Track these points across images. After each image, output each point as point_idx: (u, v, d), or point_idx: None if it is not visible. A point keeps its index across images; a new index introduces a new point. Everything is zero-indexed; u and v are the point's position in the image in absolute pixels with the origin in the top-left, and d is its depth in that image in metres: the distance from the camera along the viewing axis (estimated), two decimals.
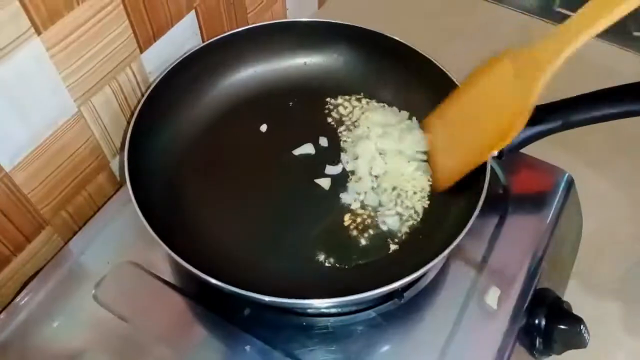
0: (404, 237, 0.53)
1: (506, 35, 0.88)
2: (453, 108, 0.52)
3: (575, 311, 0.52)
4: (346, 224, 0.54)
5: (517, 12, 0.91)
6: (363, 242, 0.53)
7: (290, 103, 0.63)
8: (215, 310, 0.50)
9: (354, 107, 0.62)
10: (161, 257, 0.53)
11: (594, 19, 0.41)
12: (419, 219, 0.54)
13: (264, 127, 0.61)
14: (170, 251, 0.45)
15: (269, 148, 0.59)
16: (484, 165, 0.50)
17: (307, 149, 0.59)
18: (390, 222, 0.53)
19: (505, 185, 0.58)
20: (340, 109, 0.62)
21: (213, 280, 0.44)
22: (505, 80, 0.46)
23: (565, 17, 0.91)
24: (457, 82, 0.56)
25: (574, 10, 0.96)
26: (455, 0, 0.93)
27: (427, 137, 0.55)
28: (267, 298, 0.44)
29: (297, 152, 0.58)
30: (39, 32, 0.46)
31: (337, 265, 0.51)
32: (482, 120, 0.48)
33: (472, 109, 0.50)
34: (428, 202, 0.55)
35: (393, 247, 0.52)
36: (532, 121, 0.53)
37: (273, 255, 0.52)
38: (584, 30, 0.41)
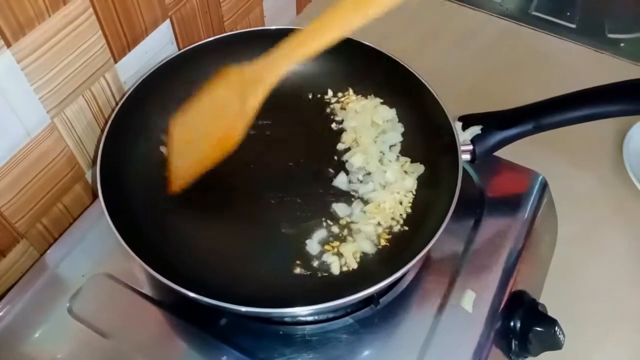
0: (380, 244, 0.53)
1: (484, 40, 0.89)
2: (189, 115, 0.53)
3: (551, 313, 0.53)
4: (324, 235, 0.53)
5: (494, 17, 0.92)
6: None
7: (267, 110, 0.62)
8: (192, 321, 0.50)
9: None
10: (137, 269, 0.53)
11: (302, 43, 0.45)
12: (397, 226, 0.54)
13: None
14: (143, 263, 0.45)
15: (247, 155, 0.59)
16: (456, 172, 0.50)
17: None
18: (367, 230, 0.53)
19: (480, 189, 0.58)
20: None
21: (188, 292, 0.44)
22: (229, 91, 0.49)
23: (541, 21, 0.93)
24: (430, 88, 0.57)
25: (550, 14, 0.97)
26: (434, 5, 0.94)
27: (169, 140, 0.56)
28: (243, 308, 0.44)
29: None
30: (8, 44, 0.46)
31: (312, 274, 0.51)
32: (210, 127, 0.51)
33: (202, 117, 0.52)
34: (410, 211, 0.55)
35: None
36: (504, 125, 0.54)
37: (249, 265, 0.52)
38: (294, 52, 0.45)
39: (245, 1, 0.74)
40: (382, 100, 0.62)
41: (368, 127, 0.60)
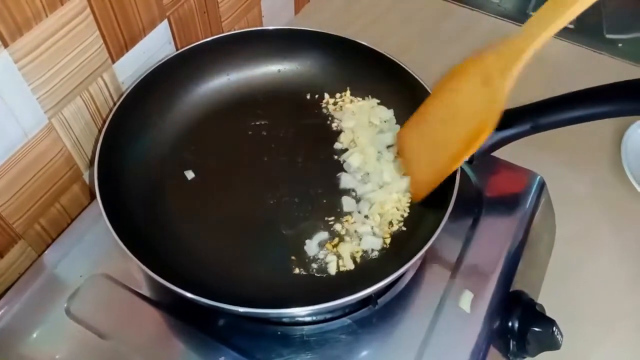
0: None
1: (481, 39, 0.89)
2: (423, 119, 0.52)
3: (549, 313, 0.53)
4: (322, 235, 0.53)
5: (492, 17, 0.92)
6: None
7: (264, 110, 0.63)
8: (190, 322, 0.50)
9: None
10: (135, 270, 0.53)
11: (549, 20, 0.42)
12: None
13: (238, 134, 0.61)
14: (141, 264, 0.45)
15: (245, 156, 0.59)
16: (454, 172, 0.50)
17: None
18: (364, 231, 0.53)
19: (478, 189, 0.58)
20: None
21: (186, 293, 0.44)
22: (474, 88, 0.47)
23: None
24: (427, 88, 0.57)
25: None
26: (431, 5, 0.94)
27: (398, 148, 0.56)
28: (241, 309, 0.44)
29: None
30: (6, 45, 0.46)
31: (310, 274, 0.51)
32: (452, 130, 0.49)
33: (441, 120, 0.51)
34: (408, 212, 0.55)
35: None
36: (501, 125, 0.54)
37: (247, 266, 0.52)
38: (542, 31, 0.43)
39: (244, 1, 0.74)
40: (379, 101, 0.62)
41: (365, 128, 0.60)
